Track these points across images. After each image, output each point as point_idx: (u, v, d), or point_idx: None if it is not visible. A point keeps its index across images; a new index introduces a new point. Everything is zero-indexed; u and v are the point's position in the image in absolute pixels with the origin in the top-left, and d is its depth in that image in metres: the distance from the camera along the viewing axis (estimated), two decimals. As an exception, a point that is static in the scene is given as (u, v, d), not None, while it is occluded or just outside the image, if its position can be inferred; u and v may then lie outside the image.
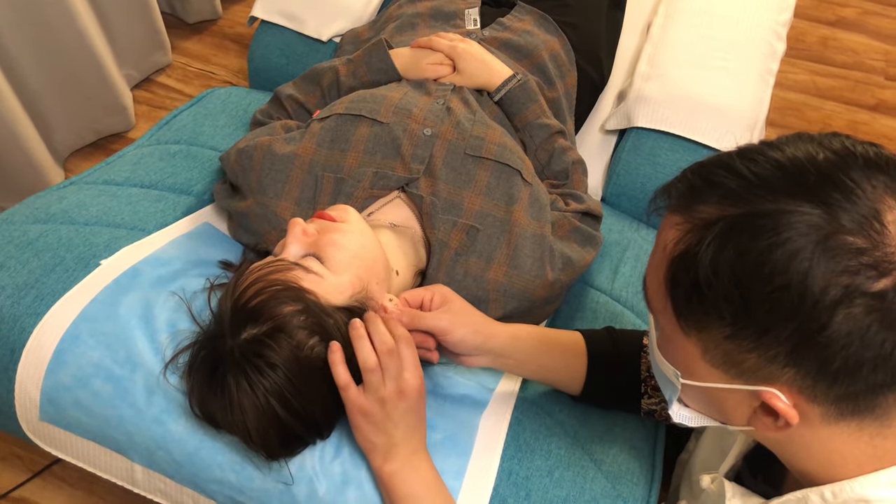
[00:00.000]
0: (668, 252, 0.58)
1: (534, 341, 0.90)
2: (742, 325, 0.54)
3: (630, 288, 1.18)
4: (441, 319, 0.84)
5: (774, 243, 0.51)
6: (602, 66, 1.47)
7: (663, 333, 0.63)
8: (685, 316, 0.58)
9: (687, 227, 0.56)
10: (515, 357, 0.89)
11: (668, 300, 0.59)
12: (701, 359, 0.59)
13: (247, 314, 0.80)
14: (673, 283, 0.58)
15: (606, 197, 1.42)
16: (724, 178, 0.56)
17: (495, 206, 1.03)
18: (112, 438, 0.90)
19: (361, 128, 1.07)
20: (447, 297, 0.88)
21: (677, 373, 0.63)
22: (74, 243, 1.00)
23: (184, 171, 1.21)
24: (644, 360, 0.92)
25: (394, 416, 0.78)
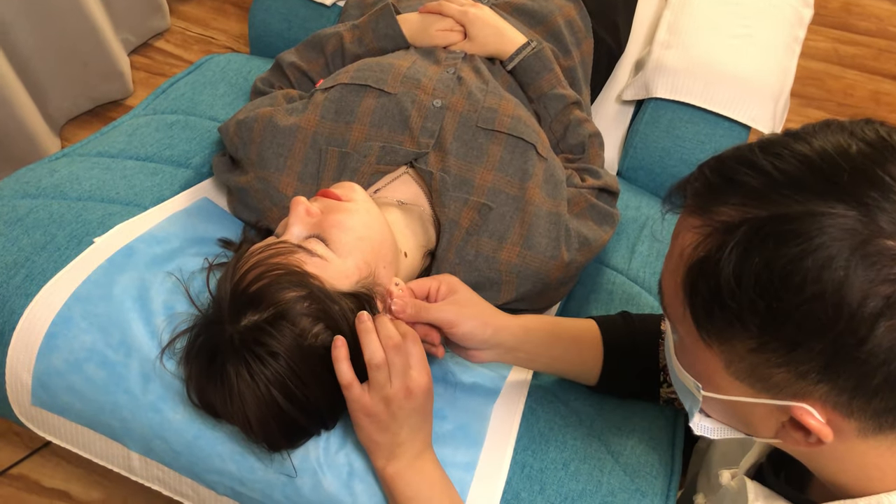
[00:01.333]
0: (686, 258, 0.53)
1: (545, 333, 0.85)
2: (769, 339, 0.49)
3: (647, 268, 1.13)
4: (447, 311, 0.79)
5: (805, 250, 0.46)
6: (619, 33, 1.40)
7: (682, 342, 0.59)
8: (706, 326, 0.53)
9: (706, 231, 0.51)
10: (526, 350, 0.84)
11: (687, 309, 0.54)
12: (724, 371, 0.54)
13: (247, 300, 0.75)
14: (692, 292, 0.53)
15: (622, 171, 1.36)
16: (745, 176, 0.50)
17: (508, 183, 0.98)
18: (107, 425, 0.86)
19: (367, 99, 1.01)
20: (454, 287, 0.82)
21: (698, 385, 0.58)
22: (66, 220, 0.96)
23: (181, 143, 1.16)
24: (662, 349, 0.88)
25: (399, 415, 0.74)
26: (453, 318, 0.79)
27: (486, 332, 0.80)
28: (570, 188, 1.06)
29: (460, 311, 0.79)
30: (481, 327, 0.80)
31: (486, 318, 0.81)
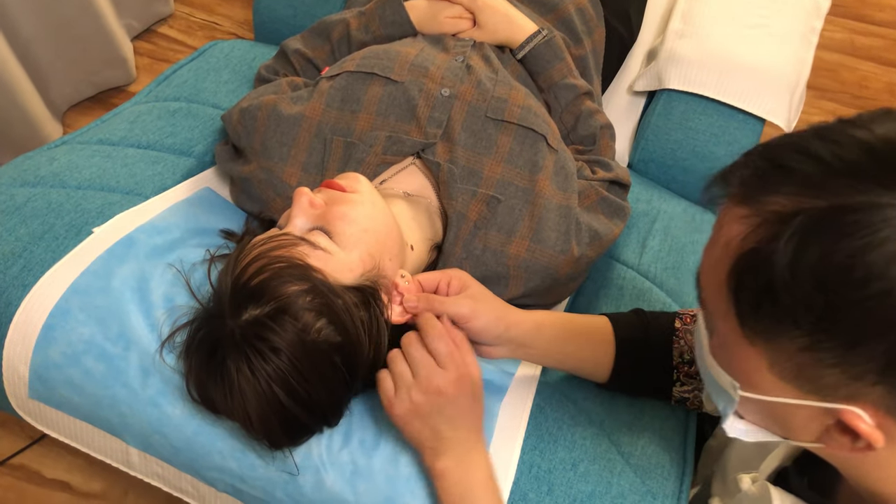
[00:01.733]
0: (732, 250, 0.50)
1: (558, 329, 0.83)
2: (824, 337, 0.46)
3: (659, 263, 1.11)
4: (463, 305, 0.77)
5: (869, 244, 0.43)
6: (631, 22, 1.37)
7: (720, 338, 0.56)
8: (751, 323, 0.50)
9: (755, 221, 0.49)
10: (538, 346, 0.82)
11: (731, 304, 0.51)
12: (767, 371, 0.52)
13: (248, 293, 0.73)
14: (738, 286, 0.50)
15: (633, 164, 1.33)
16: (800, 164, 0.47)
17: (518, 175, 0.95)
18: (105, 420, 0.84)
19: (374, 87, 0.98)
20: (466, 282, 0.80)
21: (735, 384, 0.56)
22: (65, 209, 0.93)
23: (184, 131, 1.14)
24: (677, 346, 0.85)
25: (448, 409, 0.71)
26: (469, 313, 0.76)
27: (500, 328, 0.78)
28: (581, 180, 1.03)
29: (476, 305, 0.77)
30: (496, 322, 0.78)
31: (500, 313, 0.79)
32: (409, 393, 0.72)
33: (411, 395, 0.71)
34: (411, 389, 0.72)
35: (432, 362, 0.72)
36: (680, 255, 1.12)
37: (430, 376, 0.71)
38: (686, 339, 0.85)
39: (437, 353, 0.72)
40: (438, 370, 0.71)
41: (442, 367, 0.71)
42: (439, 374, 0.71)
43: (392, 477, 0.78)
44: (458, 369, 0.72)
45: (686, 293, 1.07)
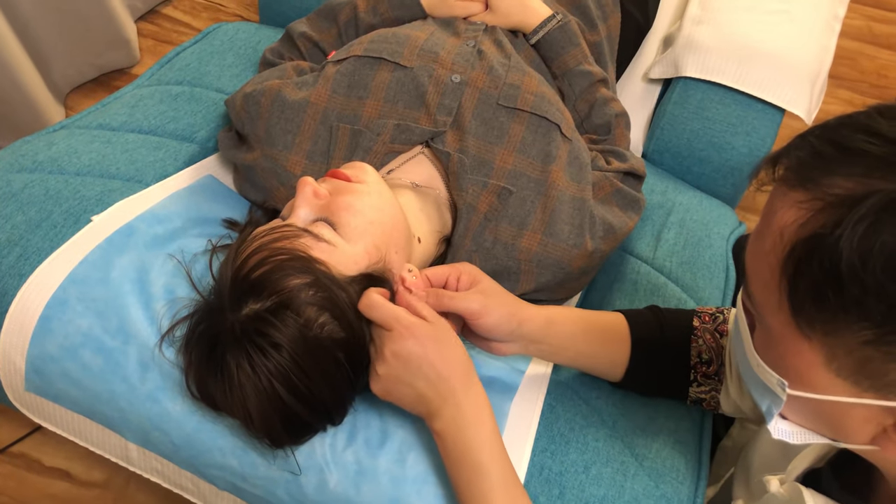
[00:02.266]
0: (789, 236, 0.47)
1: (571, 326, 0.80)
2: (894, 330, 0.43)
3: (674, 257, 1.07)
4: (473, 301, 0.74)
5: None
6: (647, 7, 1.33)
7: (768, 333, 0.53)
8: (809, 315, 0.47)
9: (815, 206, 0.46)
10: (550, 343, 0.79)
11: (785, 295, 0.48)
12: (823, 367, 0.49)
13: (248, 287, 0.70)
14: (795, 274, 0.47)
15: (648, 153, 1.30)
16: (866, 144, 0.45)
17: (530, 165, 0.92)
18: (103, 415, 0.82)
19: (382, 72, 0.95)
20: (476, 277, 0.77)
21: (783, 382, 0.53)
22: (63, 196, 0.91)
23: (186, 116, 1.11)
24: (694, 345, 0.82)
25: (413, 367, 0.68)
26: (480, 308, 0.74)
27: (512, 324, 0.75)
28: (595, 171, 1.00)
29: (486, 300, 0.74)
30: (507, 318, 0.75)
31: (512, 308, 0.76)
32: (374, 369, 0.71)
33: (377, 369, 0.70)
34: (375, 364, 0.71)
35: (381, 332, 0.70)
36: (696, 249, 1.09)
37: (381, 345, 0.70)
38: (704, 338, 0.82)
39: (377, 320, 0.70)
40: (385, 334, 0.70)
41: (388, 331, 0.69)
42: (386, 338, 0.69)
43: (398, 478, 0.76)
44: (401, 323, 0.69)
45: (702, 289, 1.04)
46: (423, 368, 0.68)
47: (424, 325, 0.70)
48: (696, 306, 0.99)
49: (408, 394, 0.70)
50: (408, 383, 0.69)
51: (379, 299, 0.71)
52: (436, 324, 0.71)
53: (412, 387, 0.69)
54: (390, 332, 0.69)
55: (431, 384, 0.69)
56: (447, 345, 0.70)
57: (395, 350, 0.69)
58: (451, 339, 0.71)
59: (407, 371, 0.69)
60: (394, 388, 0.70)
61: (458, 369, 0.70)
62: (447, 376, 0.69)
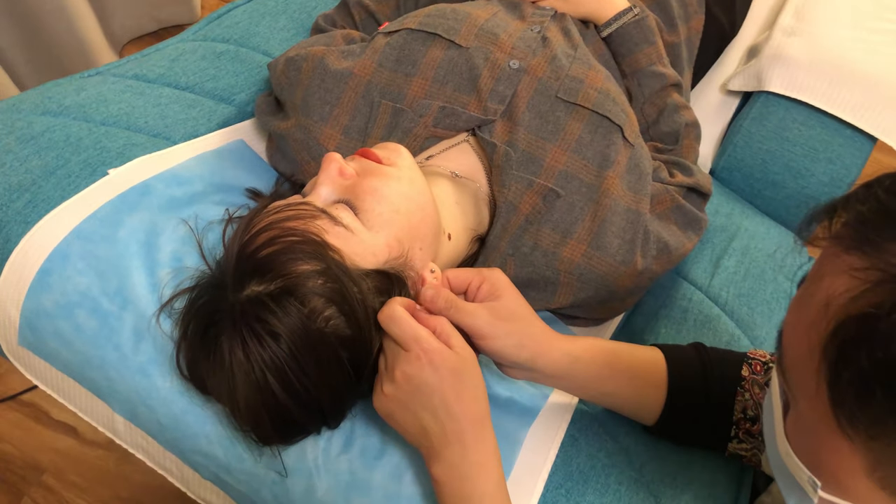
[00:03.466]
0: (836, 310, 0.38)
1: (598, 364, 0.71)
2: None
3: (732, 287, 0.97)
4: (481, 319, 0.65)
5: None
6: (735, 12, 1.22)
7: (801, 419, 0.44)
8: (851, 411, 0.38)
9: (873, 277, 0.37)
10: (571, 379, 0.70)
11: (825, 381, 0.39)
12: (864, 474, 0.39)
13: (253, 266, 0.64)
14: (839, 359, 0.38)
15: (716, 170, 1.19)
16: None
17: (584, 168, 0.83)
18: (92, 381, 0.76)
19: (434, 49, 0.87)
20: (497, 290, 0.68)
21: (815, 481, 0.43)
22: (84, 145, 0.85)
23: (227, 76, 1.05)
24: (740, 399, 0.72)
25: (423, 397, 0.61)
26: (486, 330, 0.65)
27: (523, 355, 0.67)
28: (656, 183, 0.90)
29: (496, 322, 0.66)
30: (515, 349, 0.66)
31: (525, 338, 0.67)
32: (381, 384, 0.64)
33: (383, 386, 0.63)
34: (383, 380, 0.64)
35: (396, 348, 0.63)
36: (757, 282, 0.99)
37: (393, 363, 0.62)
38: (753, 392, 0.72)
39: (395, 337, 0.63)
40: (401, 354, 0.62)
41: (405, 350, 0.62)
42: (401, 359, 0.62)
43: (392, 495, 0.68)
44: (421, 346, 0.61)
45: (759, 327, 0.93)
46: (433, 401, 0.61)
47: (447, 354, 0.62)
48: (750, 347, 0.89)
49: (411, 423, 0.63)
50: (413, 412, 0.62)
51: (402, 313, 0.63)
52: (461, 355, 0.63)
53: (417, 417, 0.62)
54: (407, 352, 0.62)
55: (439, 421, 0.61)
56: (467, 382, 0.62)
57: (408, 373, 0.61)
58: (473, 375, 0.63)
59: (415, 399, 0.61)
60: (397, 412, 0.63)
61: (472, 411, 0.62)
62: (458, 416, 0.61)
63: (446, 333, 0.64)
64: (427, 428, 0.62)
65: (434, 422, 0.62)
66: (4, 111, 0.88)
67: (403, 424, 0.64)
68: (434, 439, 0.62)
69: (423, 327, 0.63)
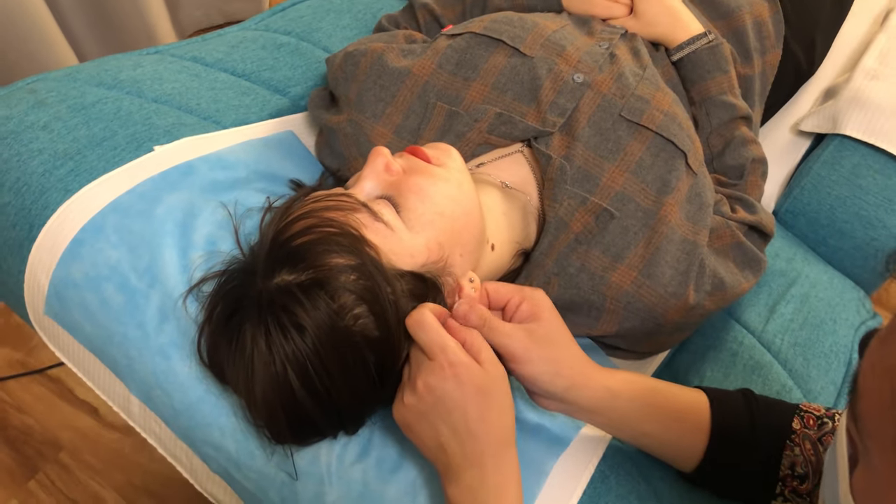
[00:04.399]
0: None
1: (638, 403, 0.65)
2: None
3: (787, 335, 0.91)
4: (516, 341, 0.61)
5: None
6: (814, 51, 1.16)
7: (874, 475, 0.38)
8: None
9: None
10: (608, 416, 0.65)
11: None
12: None
13: (286, 254, 0.61)
14: None
15: (780, 213, 1.13)
16: None
17: (642, 191, 0.78)
18: (112, 358, 0.74)
19: (497, 56, 0.84)
20: (538, 312, 0.63)
21: None
22: (133, 119, 0.84)
23: (285, 68, 1.03)
24: (788, 453, 0.67)
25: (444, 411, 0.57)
26: (520, 353, 0.61)
27: (556, 385, 0.62)
28: (717, 216, 0.85)
29: (532, 346, 0.61)
30: (550, 377, 0.62)
31: (563, 367, 0.62)
32: (402, 393, 0.60)
33: (404, 395, 0.60)
34: (405, 388, 0.60)
35: (421, 356, 0.59)
36: (815, 332, 0.92)
37: (416, 372, 0.59)
38: (804, 447, 0.66)
39: (422, 344, 0.59)
40: (425, 363, 0.59)
41: (430, 359, 0.58)
42: (425, 368, 0.58)
43: (405, 513, 0.64)
44: (447, 357, 0.58)
45: (813, 380, 0.87)
46: (453, 416, 0.57)
47: (474, 368, 0.58)
48: (802, 400, 0.83)
49: (430, 437, 0.59)
50: (432, 425, 0.58)
51: (431, 320, 0.60)
52: (490, 372, 0.59)
53: (436, 431, 0.58)
54: (432, 361, 0.58)
55: (458, 438, 0.57)
56: (493, 401, 0.58)
57: (431, 384, 0.58)
58: (500, 394, 0.59)
59: (436, 412, 0.58)
60: (416, 425, 0.59)
61: (495, 432, 0.58)
62: (479, 436, 0.57)
63: (476, 347, 0.60)
64: (445, 444, 0.58)
65: (453, 439, 0.58)
66: (60, 79, 0.87)
67: (421, 437, 0.60)
68: (451, 458, 0.58)
69: (451, 338, 0.59)
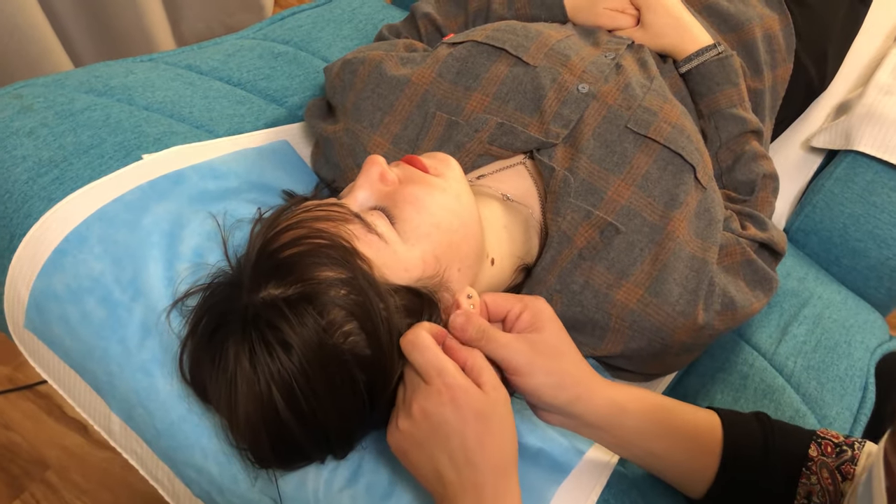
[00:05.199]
0: None
1: (648, 420, 0.62)
2: None
3: (800, 358, 0.87)
4: (517, 353, 0.57)
5: None
6: (826, 66, 1.13)
7: None
8: None
9: None
10: (614, 433, 0.61)
11: None
12: None
13: (273, 266, 0.57)
14: None
15: (790, 231, 1.10)
16: None
17: (649, 206, 0.75)
18: (92, 374, 0.71)
19: (499, 65, 0.81)
20: (539, 321, 0.60)
21: None
22: (123, 127, 0.82)
23: (282, 77, 1.01)
24: (804, 482, 0.63)
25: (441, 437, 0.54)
26: (522, 365, 0.57)
27: (560, 398, 0.58)
28: (727, 233, 0.82)
29: (534, 358, 0.58)
30: (553, 390, 0.58)
31: (566, 379, 0.59)
32: (397, 417, 0.57)
33: (398, 420, 0.56)
34: (399, 413, 0.57)
35: (417, 379, 0.56)
36: (829, 355, 0.89)
37: (411, 396, 0.55)
38: (820, 475, 0.62)
39: (417, 366, 0.56)
40: (421, 387, 0.55)
41: (426, 383, 0.55)
42: (421, 392, 0.55)
43: (396, 543, 0.60)
44: (444, 380, 0.54)
45: (828, 405, 0.83)
46: (451, 443, 0.53)
47: (473, 392, 0.54)
48: (817, 427, 0.79)
49: (425, 464, 0.55)
50: (429, 453, 0.55)
51: (427, 340, 0.56)
52: (490, 396, 0.55)
53: (432, 459, 0.54)
54: (428, 385, 0.55)
55: (456, 466, 0.54)
56: (493, 426, 0.55)
57: (426, 409, 0.54)
58: (501, 420, 0.56)
59: (432, 439, 0.54)
60: (411, 451, 0.56)
61: (495, 460, 0.54)
62: (478, 465, 0.53)
63: (477, 369, 0.56)
64: (442, 473, 0.55)
65: (450, 467, 0.55)
66: (48, 85, 0.85)
67: (416, 465, 0.57)
68: (448, 487, 0.54)
69: (449, 359, 0.56)
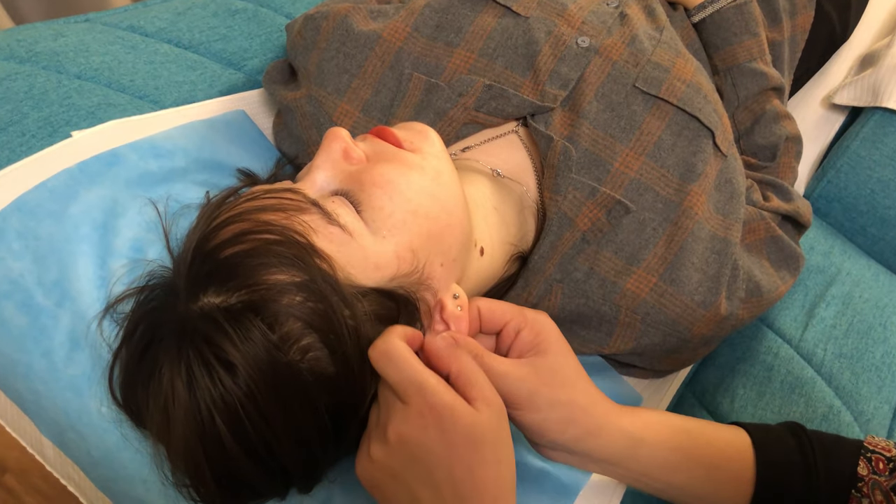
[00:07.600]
0: None
1: (667, 449, 0.52)
2: None
3: (830, 345, 0.78)
4: (518, 383, 0.48)
5: None
6: (849, 14, 1.02)
7: None
8: None
9: None
10: (628, 467, 0.52)
11: None
12: None
13: (212, 268, 0.47)
14: None
15: (812, 198, 1.00)
16: None
17: (662, 178, 0.65)
18: (16, 392, 0.61)
19: (485, 16, 0.70)
20: (543, 342, 0.50)
21: None
22: (49, 99, 0.70)
23: (240, 38, 0.89)
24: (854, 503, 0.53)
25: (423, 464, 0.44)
26: (524, 398, 0.48)
27: (567, 434, 0.49)
28: (749, 206, 0.72)
29: (539, 389, 0.48)
30: (560, 425, 0.49)
31: (576, 412, 0.49)
32: (368, 443, 0.47)
33: (370, 447, 0.47)
34: (371, 438, 0.47)
35: (392, 397, 0.46)
36: (864, 340, 0.79)
37: (386, 418, 0.46)
38: (874, 498, 0.53)
39: (392, 382, 0.46)
40: (398, 407, 0.45)
41: (403, 402, 0.45)
42: (398, 414, 0.45)
43: (373, 591, 0.51)
44: (426, 399, 0.44)
45: (865, 399, 0.74)
46: (435, 475, 0.44)
47: (463, 412, 0.44)
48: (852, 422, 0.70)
49: (402, 500, 0.45)
50: (407, 487, 0.45)
51: (402, 350, 0.46)
52: (483, 413, 0.45)
53: (412, 494, 0.45)
54: (406, 405, 0.45)
55: (439, 496, 0.44)
56: (487, 452, 0.45)
57: (404, 435, 0.44)
58: (497, 442, 0.46)
59: (411, 470, 0.44)
60: (385, 485, 0.46)
61: (490, 492, 0.44)
62: (469, 499, 0.44)
63: (465, 379, 0.46)
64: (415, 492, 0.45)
65: (434, 496, 0.45)
66: (-39, 51, 0.73)
67: (392, 501, 0.47)
68: None
69: (430, 372, 0.46)
